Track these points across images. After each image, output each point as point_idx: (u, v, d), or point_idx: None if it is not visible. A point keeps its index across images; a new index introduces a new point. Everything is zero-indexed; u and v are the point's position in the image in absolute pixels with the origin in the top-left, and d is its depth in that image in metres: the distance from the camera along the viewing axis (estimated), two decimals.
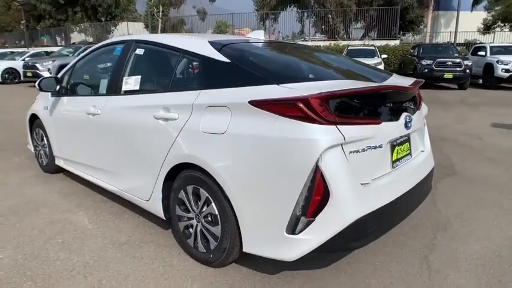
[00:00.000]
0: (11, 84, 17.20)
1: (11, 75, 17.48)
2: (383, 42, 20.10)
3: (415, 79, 2.73)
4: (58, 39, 37.66)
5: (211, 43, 2.58)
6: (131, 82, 2.95)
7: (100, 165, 3.33)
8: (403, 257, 2.58)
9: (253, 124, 2.07)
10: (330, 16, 23.26)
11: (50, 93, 3.98)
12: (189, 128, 2.37)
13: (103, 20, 35.36)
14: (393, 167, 2.34)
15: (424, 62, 13.96)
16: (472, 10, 31.22)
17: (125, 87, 2.99)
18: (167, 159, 2.53)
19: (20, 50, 23.50)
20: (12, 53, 20.67)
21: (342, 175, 1.97)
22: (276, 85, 2.10)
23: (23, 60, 17.09)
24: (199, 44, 2.63)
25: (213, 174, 2.23)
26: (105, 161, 3.23)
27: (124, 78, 3.01)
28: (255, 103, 2.07)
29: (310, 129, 1.92)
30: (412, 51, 16.60)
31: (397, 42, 20.79)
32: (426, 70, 13.81)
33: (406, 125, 2.37)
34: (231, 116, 2.17)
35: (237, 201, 2.15)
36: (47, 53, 18.79)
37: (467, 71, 13.53)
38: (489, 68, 14.12)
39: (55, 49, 21.01)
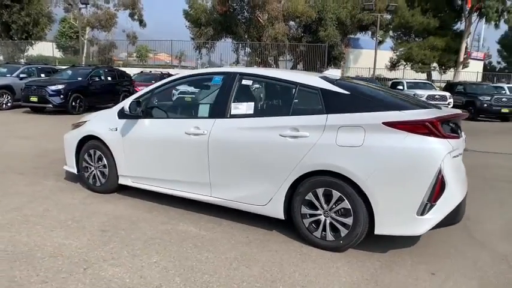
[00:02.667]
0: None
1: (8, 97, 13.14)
2: None
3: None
4: None
5: (323, 78, 3.36)
6: (242, 107, 3.54)
7: (195, 179, 3.76)
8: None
9: (386, 139, 2.89)
10: (265, 48, 25.09)
11: (116, 115, 4.27)
12: (323, 143, 3.08)
13: (16, 38, 32.68)
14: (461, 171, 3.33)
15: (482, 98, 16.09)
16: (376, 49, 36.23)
17: (234, 111, 3.57)
18: (296, 168, 3.18)
19: None
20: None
21: (451, 172, 2.89)
22: (398, 111, 2.97)
23: (19, 78, 13.67)
24: (313, 79, 3.39)
25: (350, 176, 2.96)
26: (205, 175, 3.69)
27: (232, 103, 3.59)
28: (389, 124, 2.90)
29: (435, 141, 2.82)
30: None
31: None
32: (486, 105, 15.80)
33: (465, 141, 3.40)
34: (365, 133, 2.96)
35: (373, 196, 2.91)
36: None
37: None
38: None
39: None
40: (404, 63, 29.71)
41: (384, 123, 2.92)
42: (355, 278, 2.78)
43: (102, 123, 4.45)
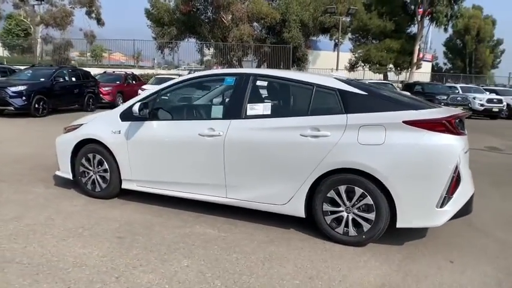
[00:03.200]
0: None
1: None
2: None
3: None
4: None
5: (338, 79, 3.48)
6: (259, 108, 3.57)
7: (209, 181, 3.74)
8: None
9: (406, 136, 3.06)
10: (230, 49, 25.08)
11: (118, 117, 4.14)
12: (345, 142, 3.19)
13: None
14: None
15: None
16: (334, 50, 37.40)
17: (250, 112, 3.58)
18: (319, 167, 3.26)
19: None
20: None
21: (464, 167, 3.11)
22: (414, 111, 3.15)
23: None
24: (329, 80, 3.50)
25: (373, 173, 3.09)
26: (220, 176, 3.67)
27: (248, 104, 3.60)
28: (409, 122, 3.07)
29: (451, 138, 3.02)
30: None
31: None
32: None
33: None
34: (386, 132, 3.10)
35: (396, 191, 3.06)
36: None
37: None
38: None
39: None
40: (363, 65, 30.96)
41: (404, 121, 3.08)
42: (384, 270, 2.91)
43: (102, 126, 4.28)
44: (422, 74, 32.37)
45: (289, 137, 3.38)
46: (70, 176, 4.53)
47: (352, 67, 31.56)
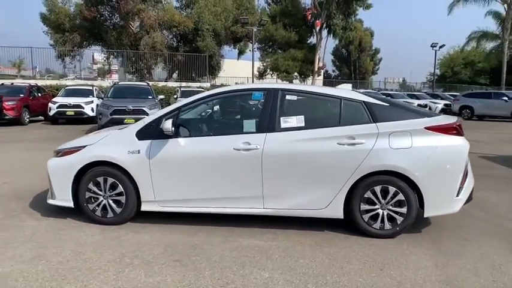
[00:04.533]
0: None
1: None
2: (196, 84, 22.77)
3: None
4: None
5: (357, 92, 3.95)
6: (292, 121, 3.81)
7: (246, 193, 3.83)
8: None
9: (428, 140, 3.65)
10: (141, 57, 24.09)
11: (134, 137, 3.96)
12: (379, 147, 3.63)
13: None
14: None
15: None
16: (238, 59, 38.64)
17: (284, 125, 3.81)
18: (357, 171, 3.65)
19: None
20: None
21: (468, 162, 3.83)
22: (427, 118, 3.77)
23: None
24: (352, 93, 3.93)
25: (405, 173, 3.60)
26: (257, 188, 3.80)
27: (281, 118, 3.82)
28: (430, 128, 3.66)
29: (461, 140, 3.71)
30: None
31: (208, 84, 23.91)
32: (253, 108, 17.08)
33: None
34: (412, 137, 3.65)
35: (424, 186, 3.62)
36: None
37: None
38: None
39: None
40: (271, 72, 32.70)
41: (425, 128, 3.67)
42: (426, 253, 3.42)
43: (115, 146, 4.00)
44: (318, 80, 35.55)
45: (327, 146, 3.70)
46: (71, 204, 4.11)
47: (261, 75, 33.05)
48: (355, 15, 30.94)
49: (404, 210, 3.68)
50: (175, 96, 17.59)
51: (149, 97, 13.10)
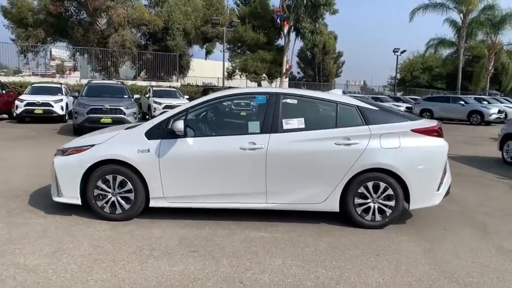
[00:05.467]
0: None
1: None
2: (166, 83, 22.66)
3: None
4: None
5: (352, 96, 4.37)
6: (293, 122, 4.17)
7: (251, 190, 4.14)
8: None
9: (414, 141, 4.14)
10: (109, 55, 23.58)
11: (143, 136, 4.15)
12: (371, 147, 4.07)
13: None
14: None
15: None
16: (206, 59, 38.64)
17: (286, 126, 4.16)
18: (352, 169, 4.06)
19: None
20: None
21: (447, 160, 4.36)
22: (412, 121, 4.27)
23: None
24: (346, 98, 4.34)
25: (394, 170, 4.06)
26: (261, 184, 4.12)
27: (283, 120, 4.16)
28: (415, 130, 4.16)
29: (442, 141, 4.23)
30: (204, 94, 19.92)
31: (178, 84, 23.84)
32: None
33: None
34: (400, 138, 4.12)
35: (410, 182, 4.09)
36: None
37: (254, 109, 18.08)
38: None
39: None
40: (240, 73, 33.00)
41: (411, 130, 4.15)
42: (416, 242, 3.89)
43: (125, 145, 4.17)
44: (285, 82, 36.32)
45: (325, 146, 4.09)
46: (78, 201, 4.23)
47: (230, 76, 33.23)
48: (323, 19, 31.93)
49: (393, 203, 4.14)
50: (147, 95, 17.47)
51: (125, 96, 12.99)
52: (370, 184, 4.13)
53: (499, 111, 19.97)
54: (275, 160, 4.08)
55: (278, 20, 30.41)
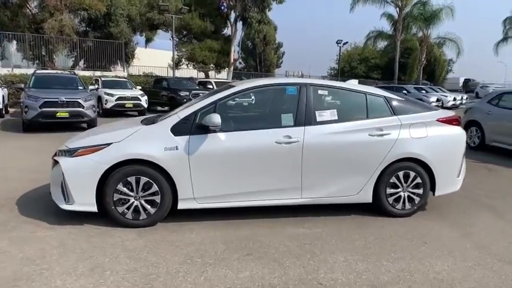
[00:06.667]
0: None
1: None
2: (110, 73, 21.20)
3: None
4: None
5: (378, 87, 4.38)
6: (326, 114, 4.07)
7: (286, 185, 3.97)
8: None
9: (439, 130, 4.27)
10: (45, 42, 21.39)
11: (169, 132, 3.79)
12: (402, 137, 4.12)
13: None
14: None
15: (182, 94, 16.67)
16: (146, 47, 36.81)
17: (319, 119, 4.04)
18: (385, 159, 4.08)
19: None
20: None
21: None
22: (436, 111, 4.40)
23: None
24: (372, 88, 4.35)
25: (423, 159, 4.16)
26: (296, 179, 3.97)
27: (316, 112, 4.04)
28: (440, 120, 4.28)
29: (460, 129, 4.42)
30: (158, 84, 18.91)
31: (125, 73, 22.42)
32: (185, 100, 16.62)
33: None
34: (427, 127, 4.22)
35: (436, 170, 4.22)
36: None
37: None
38: None
39: None
40: (187, 63, 31.98)
41: (437, 120, 4.27)
42: (448, 227, 4.03)
43: (149, 143, 3.75)
44: (231, 73, 35.91)
45: (360, 137, 4.05)
46: (94, 209, 3.74)
47: (176, 65, 32.05)
48: (269, 9, 32.01)
49: (421, 191, 4.25)
50: (96, 86, 16.15)
51: (80, 88, 11.87)
52: (401, 174, 4.18)
53: (437, 100, 21.75)
54: (311, 153, 3.95)
55: (224, 8, 29.87)
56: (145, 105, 15.87)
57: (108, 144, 3.74)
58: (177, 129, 3.81)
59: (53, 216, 3.95)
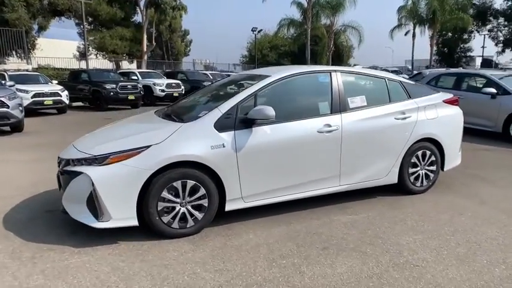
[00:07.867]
0: None
1: None
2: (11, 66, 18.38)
3: None
4: None
5: (393, 72, 4.58)
6: (357, 101, 4.12)
7: (327, 174, 3.96)
8: None
9: (445, 111, 4.66)
10: None
11: (213, 129, 3.47)
12: (420, 119, 4.40)
13: None
14: None
15: (108, 87, 15.23)
16: (38, 36, 32.67)
17: (352, 105, 4.08)
18: (409, 141, 4.33)
19: None
20: None
21: None
22: (439, 93, 4.79)
23: None
24: (387, 73, 4.53)
25: (437, 138, 4.52)
26: (336, 167, 3.98)
27: (348, 98, 4.07)
28: (445, 101, 4.67)
29: (459, 108, 4.87)
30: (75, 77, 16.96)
31: (30, 66, 19.61)
32: (112, 93, 15.27)
33: None
34: (437, 109, 4.57)
35: (446, 147, 4.62)
36: None
37: (142, 92, 16.43)
38: (149, 89, 17.64)
39: None
40: (96, 53, 29.27)
41: (443, 101, 4.65)
42: (463, 198, 4.45)
43: (193, 142, 3.36)
44: (141, 61, 33.71)
45: (389, 121, 4.21)
46: (135, 222, 3.26)
47: (82, 55, 29.11)
48: None
49: (434, 168, 4.61)
50: (3, 81, 13.83)
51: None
52: (419, 153, 4.48)
53: None
54: (349, 140, 3.98)
55: None
56: (67, 102, 14.17)
57: (147, 147, 3.26)
58: (221, 125, 3.49)
59: (70, 238, 3.34)
